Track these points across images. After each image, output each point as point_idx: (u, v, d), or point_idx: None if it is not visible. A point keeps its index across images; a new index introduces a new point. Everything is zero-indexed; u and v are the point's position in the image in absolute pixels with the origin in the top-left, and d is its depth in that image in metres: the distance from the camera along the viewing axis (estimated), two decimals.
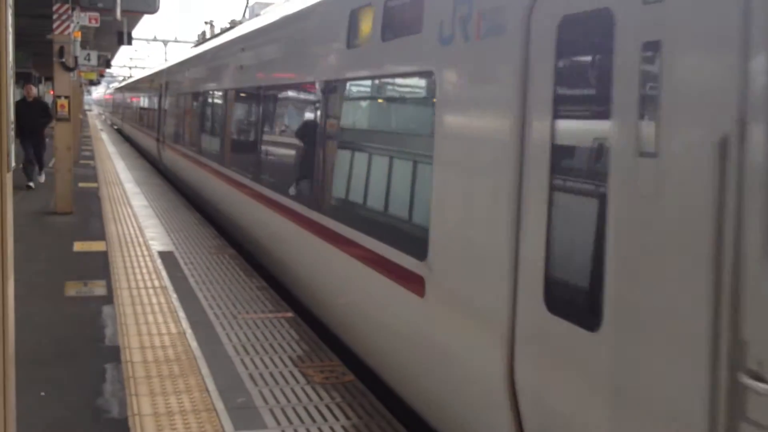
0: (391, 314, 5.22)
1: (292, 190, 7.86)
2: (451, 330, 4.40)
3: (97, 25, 16.03)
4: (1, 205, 3.09)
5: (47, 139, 17.22)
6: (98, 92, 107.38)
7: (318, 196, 6.92)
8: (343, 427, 4.91)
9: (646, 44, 2.92)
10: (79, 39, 14.81)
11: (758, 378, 2.47)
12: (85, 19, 15.18)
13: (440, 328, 4.52)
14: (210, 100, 13.75)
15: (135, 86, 35.33)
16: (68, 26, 13.03)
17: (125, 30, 19.58)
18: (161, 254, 9.84)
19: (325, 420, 4.99)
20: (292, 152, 8.44)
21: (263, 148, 9.45)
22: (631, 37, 3.01)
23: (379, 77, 6.09)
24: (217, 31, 23.95)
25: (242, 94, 11.14)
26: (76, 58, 14.43)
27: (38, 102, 16.94)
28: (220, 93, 12.68)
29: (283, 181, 8.32)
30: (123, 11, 13.01)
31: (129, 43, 20.57)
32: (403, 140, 5.74)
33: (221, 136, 12.22)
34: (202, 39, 25.23)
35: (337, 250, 6.29)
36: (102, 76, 42.13)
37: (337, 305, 6.50)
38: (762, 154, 2.47)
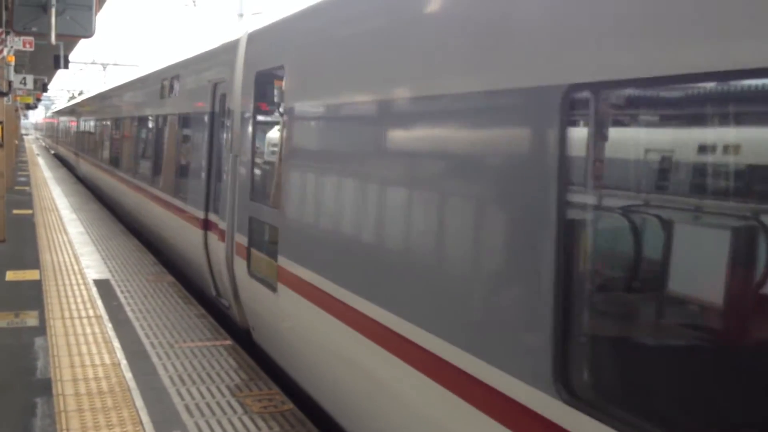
0: None
1: None
2: None
3: (32, 49, 15.76)
4: None
5: None
6: (37, 115, 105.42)
7: None
8: None
9: None
10: (13, 63, 14.53)
11: None
12: (19, 43, 14.90)
13: None
14: None
15: (117, 96, 18.75)
16: (1, 50, 12.77)
17: (62, 53, 19.29)
18: (97, 282, 9.64)
19: None
20: None
21: None
22: None
23: None
24: None
25: None
26: (10, 82, 14.16)
27: None
28: None
29: None
30: (58, 35, 12.76)
31: (66, 66, 20.26)
32: None
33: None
34: None
35: None
36: (39, 99, 41.37)
37: None
38: None
